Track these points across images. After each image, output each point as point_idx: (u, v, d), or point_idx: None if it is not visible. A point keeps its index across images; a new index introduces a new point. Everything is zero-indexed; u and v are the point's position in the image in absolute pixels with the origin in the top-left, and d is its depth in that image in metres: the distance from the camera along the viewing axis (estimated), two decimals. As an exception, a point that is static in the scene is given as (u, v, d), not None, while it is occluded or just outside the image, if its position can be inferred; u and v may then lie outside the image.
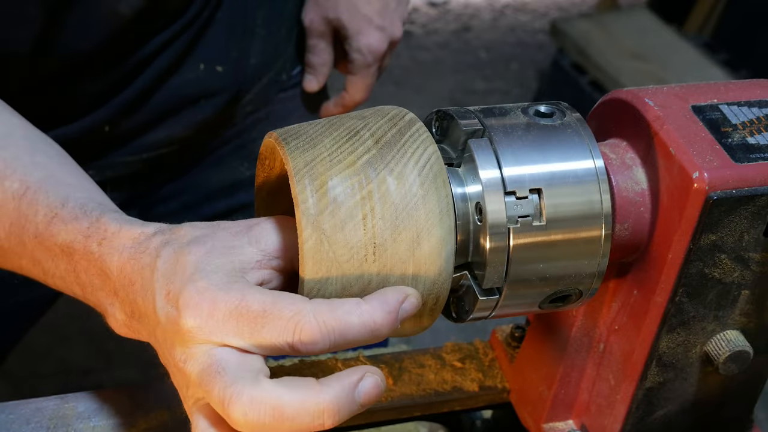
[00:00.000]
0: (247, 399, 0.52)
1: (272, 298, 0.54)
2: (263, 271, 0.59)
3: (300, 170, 0.57)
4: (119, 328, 0.62)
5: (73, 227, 0.62)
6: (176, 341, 0.56)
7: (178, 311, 0.55)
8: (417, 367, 0.83)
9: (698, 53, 2.74)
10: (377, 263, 0.56)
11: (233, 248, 0.58)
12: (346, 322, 0.54)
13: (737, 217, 0.62)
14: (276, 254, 0.59)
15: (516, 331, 0.84)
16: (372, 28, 1.14)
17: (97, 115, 0.98)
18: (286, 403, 0.53)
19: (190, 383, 0.56)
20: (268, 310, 0.54)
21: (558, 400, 0.75)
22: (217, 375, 0.54)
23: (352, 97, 1.20)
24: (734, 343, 0.67)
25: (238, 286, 0.55)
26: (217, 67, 1.04)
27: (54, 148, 0.71)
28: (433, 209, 0.57)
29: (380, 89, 3.04)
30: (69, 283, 0.64)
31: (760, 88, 0.68)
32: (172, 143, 1.06)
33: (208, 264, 0.56)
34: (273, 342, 0.54)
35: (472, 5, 3.59)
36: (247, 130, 1.14)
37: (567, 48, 2.80)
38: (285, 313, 0.54)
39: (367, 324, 0.54)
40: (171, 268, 0.57)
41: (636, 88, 0.66)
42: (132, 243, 0.60)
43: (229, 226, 0.60)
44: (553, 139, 0.60)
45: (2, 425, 0.75)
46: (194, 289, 0.55)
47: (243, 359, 0.54)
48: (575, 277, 0.61)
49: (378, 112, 0.61)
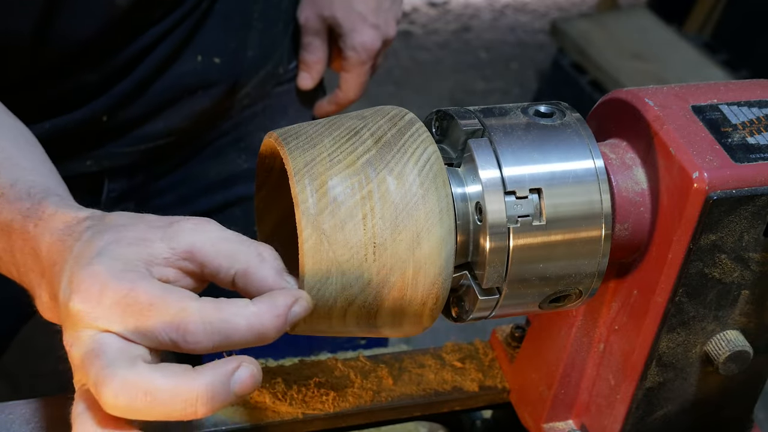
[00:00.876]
0: (119, 381, 0.52)
1: (161, 291, 0.55)
2: (170, 269, 0.58)
3: (300, 170, 0.57)
4: (44, 311, 0.63)
5: (15, 207, 0.63)
6: (67, 324, 0.56)
7: (71, 293, 0.56)
8: (417, 367, 0.83)
9: (698, 53, 2.74)
10: (377, 263, 0.56)
11: (144, 240, 0.58)
12: (231, 324, 0.54)
13: (737, 217, 0.62)
14: (185, 255, 0.59)
15: (516, 331, 0.84)
16: (366, 26, 1.15)
17: (95, 105, 0.98)
18: (158, 387, 0.53)
19: (75, 367, 0.56)
20: (155, 303, 0.54)
21: (558, 400, 0.75)
22: (95, 358, 0.54)
23: (345, 95, 1.20)
24: (734, 343, 0.67)
25: (132, 276, 0.55)
26: (215, 58, 1.05)
27: (22, 135, 0.72)
28: (433, 209, 0.57)
29: (380, 89, 3.05)
30: (6, 263, 0.65)
31: (760, 88, 0.68)
32: (169, 134, 1.06)
33: (112, 251, 0.56)
34: (156, 335, 0.54)
35: (472, 5, 3.59)
36: (244, 123, 1.15)
37: (567, 48, 2.80)
38: (171, 309, 0.54)
39: (253, 326, 0.54)
40: (81, 252, 0.57)
41: (636, 88, 0.66)
42: (64, 226, 0.60)
43: (152, 220, 0.60)
44: (553, 139, 0.60)
45: (2, 425, 0.75)
46: (88, 272, 0.55)
47: (124, 345, 0.54)
48: (575, 277, 0.61)
49: (378, 112, 0.61)
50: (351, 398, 0.79)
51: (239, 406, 0.77)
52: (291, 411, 0.77)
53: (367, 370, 0.81)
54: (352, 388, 0.80)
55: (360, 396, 0.79)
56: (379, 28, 1.16)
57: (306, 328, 0.59)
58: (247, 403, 0.77)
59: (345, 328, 0.60)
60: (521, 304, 0.62)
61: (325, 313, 0.58)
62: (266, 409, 0.77)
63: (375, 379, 0.81)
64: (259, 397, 0.77)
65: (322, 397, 0.78)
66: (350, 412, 0.79)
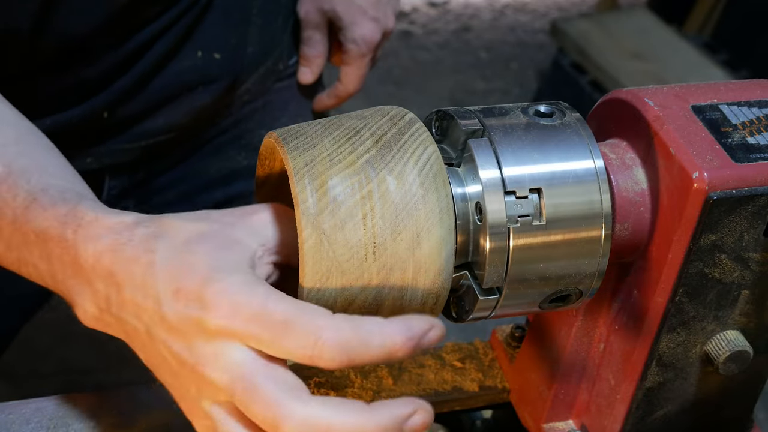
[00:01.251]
0: (298, 420, 0.52)
1: (295, 308, 0.54)
2: (266, 266, 0.58)
3: (300, 170, 0.57)
4: (87, 319, 0.61)
5: (50, 213, 0.61)
6: (194, 340, 0.55)
7: (202, 310, 0.54)
8: (417, 367, 0.83)
9: (698, 53, 2.74)
10: (377, 263, 0.56)
11: (237, 243, 0.57)
12: (366, 343, 0.53)
13: (737, 217, 0.62)
14: (275, 249, 0.59)
15: (516, 331, 0.84)
16: (366, 18, 1.16)
17: (95, 101, 0.98)
18: (335, 426, 0.52)
19: (208, 384, 0.56)
20: (291, 320, 0.53)
21: (558, 400, 0.75)
22: (254, 389, 0.53)
23: (345, 88, 1.21)
24: (734, 343, 0.67)
25: (262, 290, 0.54)
26: (215, 54, 1.05)
27: (42, 140, 0.71)
28: (433, 209, 0.57)
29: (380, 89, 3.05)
30: (41, 272, 0.63)
31: (760, 88, 0.68)
32: (170, 130, 1.06)
33: (220, 260, 0.56)
34: (292, 352, 0.53)
35: (472, 5, 3.59)
36: (244, 119, 1.15)
37: (567, 48, 2.80)
38: (308, 327, 0.53)
39: (386, 347, 0.53)
40: (176, 265, 0.56)
41: (636, 88, 0.66)
42: (108, 232, 0.59)
43: (221, 217, 0.59)
44: (553, 138, 0.60)
45: (2, 425, 0.75)
46: (216, 289, 0.54)
47: (274, 372, 0.54)
48: (575, 277, 0.61)
49: (378, 111, 0.61)
50: (351, 398, 0.79)
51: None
52: (291, 411, 0.77)
53: (367, 370, 0.81)
54: (352, 388, 0.80)
55: (360, 396, 0.79)
56: (379, 21, 1.17)
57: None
58: (247, 403, 0.77)
59: (345, 328, 0.60)
60: (521, 304, 0.62)
61: (325, 313, 0.58)
62: (266, 409, 0.77)
63: (375, 379, 0.81)
64: (259, 397, 0.77)
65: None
66: (350, 412, 0.79)
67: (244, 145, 1.16)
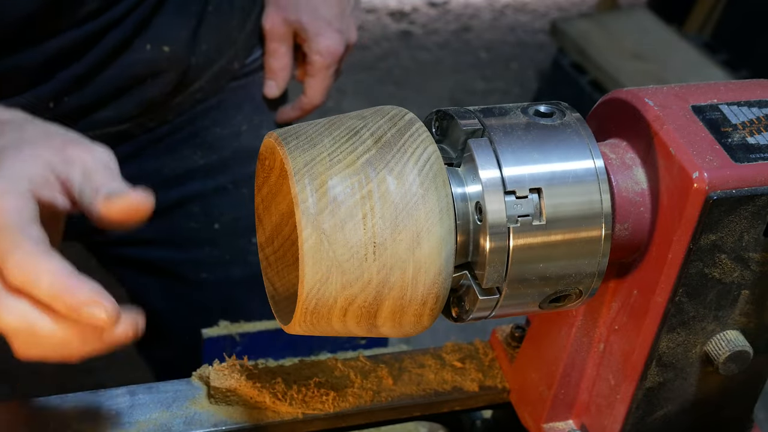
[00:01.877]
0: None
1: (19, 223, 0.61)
2: (55, 193, 0.65)
3: (300, 170, 0.57)
4: None
5: None
6: None
7: None
8: (417, 367, 0.83)
9: (698, 53, 2.74)
10: (377, 263, 0.56)
11: (38, 158, 0.65)
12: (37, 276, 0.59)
13: (737, 217, 0.62)
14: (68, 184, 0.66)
15: (516, 331, 0.84)
16: (331, 30, 1.16)
17: (40, 90, 0.98)
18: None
19: None
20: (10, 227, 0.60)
21: (558, 400, 0.75)
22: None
23: (310, 100, 1.20)
24: (734, 343, 0.67)
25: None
26: (164, 47, 1.05)
27: None
28: (432, 209, 0.57)
29: (380, 89, 3.05)
30: None
31: (760, 88, 0.68)
32: (120, 121, 1.06)
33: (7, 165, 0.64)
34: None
35: (472, 5, 3.59)
36: (198, 117, 1.15)
37: (567, 48, 2.80)
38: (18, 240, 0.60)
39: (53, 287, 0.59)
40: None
41: (636, 88, 0.66)
42: None
43: (56, 139, 0.68)
44: (553, 138, 0.60)
45: (2, 425, 0.75)
46: None
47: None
48: (575, 277, 0.61)
49: (378, 111, 0.61)
50: (351, 398, 0.79)
51: (239, 406, 0.77)
52: (291, 411, 0.77)
53: (367, 370, 0.81)
54: (352, 388, 0.80)
55: (360, 396, 0.79)
56: (343, 33, 1.17)
57: (306, 328, 0.59)
58: (247, 403, 0.77)
59: (345, 328, 0.60)
60: (521, 304, 0.62)
61: (325, 313, 0.58)
62: (266, 409, 0.77)
63: (375, 379, 0.81)
64: (259, 397, 0.77)
65: (322, 397, 0.78)
66: (350, 412, 0.79)
67: (199, 144, 1.15)
